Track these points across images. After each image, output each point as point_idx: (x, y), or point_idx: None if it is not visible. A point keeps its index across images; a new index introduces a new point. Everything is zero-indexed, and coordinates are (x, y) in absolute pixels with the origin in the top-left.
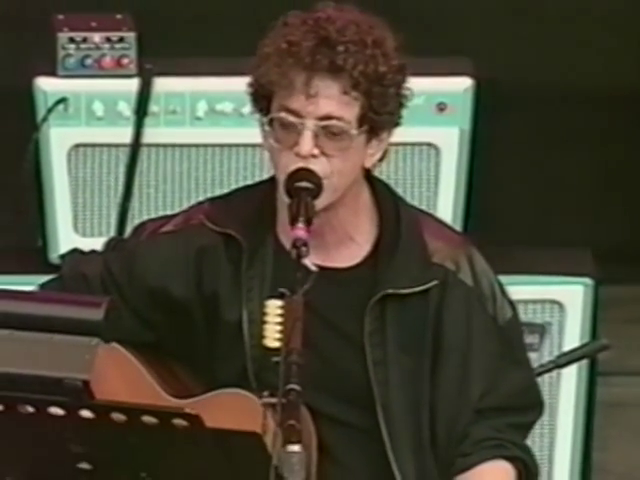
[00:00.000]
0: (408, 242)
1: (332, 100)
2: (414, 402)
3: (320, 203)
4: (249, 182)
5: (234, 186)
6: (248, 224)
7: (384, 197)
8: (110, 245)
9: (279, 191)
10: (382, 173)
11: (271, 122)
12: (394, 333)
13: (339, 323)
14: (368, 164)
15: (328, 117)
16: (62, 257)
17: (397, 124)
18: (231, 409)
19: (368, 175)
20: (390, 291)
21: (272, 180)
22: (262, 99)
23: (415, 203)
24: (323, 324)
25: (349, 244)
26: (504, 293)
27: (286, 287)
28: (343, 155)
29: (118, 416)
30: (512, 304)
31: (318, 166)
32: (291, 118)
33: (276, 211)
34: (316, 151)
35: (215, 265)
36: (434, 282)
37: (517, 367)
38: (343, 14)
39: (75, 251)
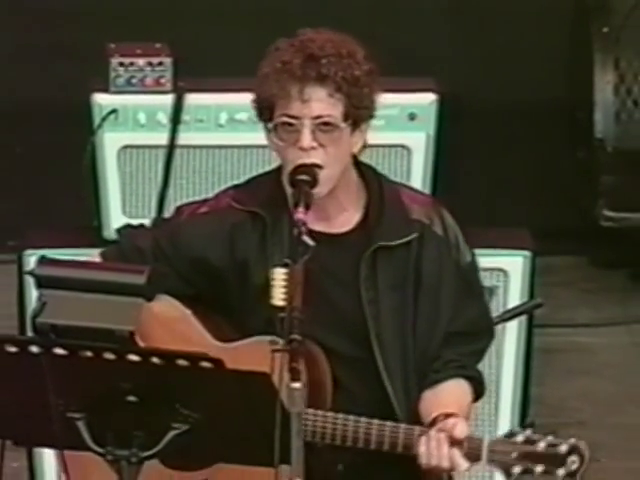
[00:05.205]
0: (391, 207)
1: (322, 103)
2: (401, 331)
3: (321, 192)
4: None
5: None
6: (267, 203)
7: (370, 176)
8: (157, 223)
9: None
10: None
11: (276, 127)
12: (383, 277)
13: (339, 273)
14: (355, 150)
15: (320, 116)
16: (118, 231)
17: (372, 117)
18: (261, 353)
19: (356, 160)
20: (381, 243)
21: (278, 169)
22: (266, 110)
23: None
24: (327, 276)
25: (343, 213)
26: (465, 242)
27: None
28: (335, 144)
29: (157, 359)
30: (471, 251)
31: (318, 156)
32: (291, 121)
33: (285, 193)
34: (314, 143)
35: (245, 237)
36: (414, 235)
37: (475, 299)
38: (320, 35)
39: (128, 226)
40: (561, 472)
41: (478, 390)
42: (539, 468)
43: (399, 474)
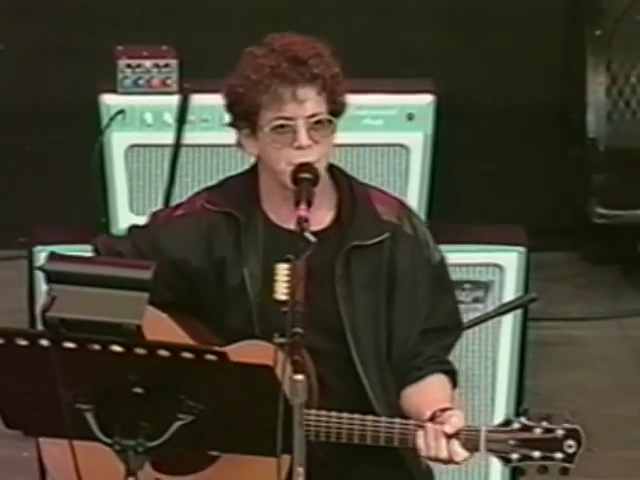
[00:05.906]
0: (362, 207)
1: (313, 101)
2: (375, 328)
3: (318, 188)
4: None
5: None
6: (239, 203)
7: (340, 177)
8: (132, 230)
9: (265, 178)
10: (365, 167)
11: (269, 130)
12: (357, 275)
13: (315, 271)
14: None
15: (314, 115)
16: (94, 242)
17: (344, 113)
18: (254, 355)
19: None
20: (356, 243)
21: (252, 170)
22: (252, 116)
23: (390, 191)
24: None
25: (317, 212)
26: (433, 242)
27: (276, 251)
28: (326, 140)
29: (163, 352)
30: (439, 250)
31: (314, 154)
32: (286, 122)
33: (259, 193)
34: (310, 142)
35: (220, 238)
36: (386, 234)
37: (447, 295)
38: (292, 38)
39: (103, 236)
40: (559, 456)
41: (454, 382)
42: (537, 453)
43: (382, 460)
